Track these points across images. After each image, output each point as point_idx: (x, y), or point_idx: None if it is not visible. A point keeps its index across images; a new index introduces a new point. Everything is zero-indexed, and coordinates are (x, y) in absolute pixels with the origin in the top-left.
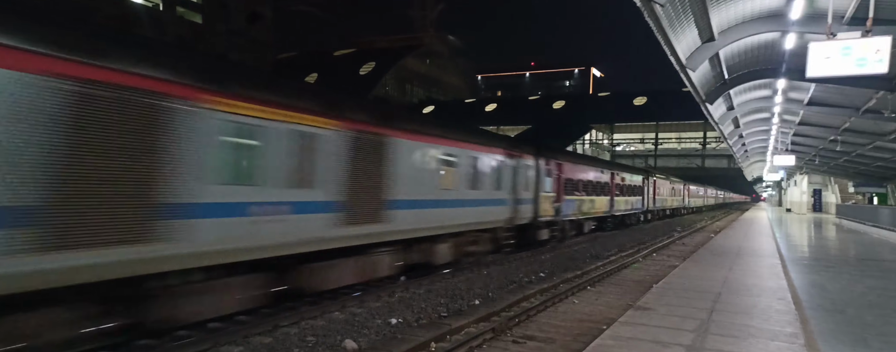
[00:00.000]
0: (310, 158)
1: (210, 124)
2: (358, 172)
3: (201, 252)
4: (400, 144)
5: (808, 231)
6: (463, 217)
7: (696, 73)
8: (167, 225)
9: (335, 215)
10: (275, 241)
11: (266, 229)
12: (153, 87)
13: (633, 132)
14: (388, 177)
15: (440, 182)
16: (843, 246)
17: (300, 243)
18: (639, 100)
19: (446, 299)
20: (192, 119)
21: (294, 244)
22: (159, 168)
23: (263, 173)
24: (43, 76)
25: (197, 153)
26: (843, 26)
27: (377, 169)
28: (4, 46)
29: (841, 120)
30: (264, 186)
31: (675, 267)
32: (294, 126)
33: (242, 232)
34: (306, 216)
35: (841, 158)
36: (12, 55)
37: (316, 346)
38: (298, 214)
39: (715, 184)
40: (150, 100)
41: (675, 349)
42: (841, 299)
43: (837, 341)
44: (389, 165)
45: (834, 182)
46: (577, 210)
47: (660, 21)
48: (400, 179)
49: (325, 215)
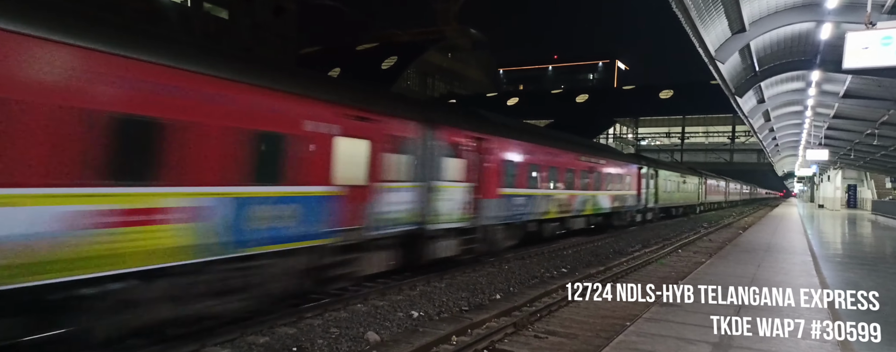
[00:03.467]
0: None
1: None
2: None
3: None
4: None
5: (842, 227)
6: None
7: (726, 66)
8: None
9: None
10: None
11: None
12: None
13: (659, 126)
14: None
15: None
16: (878, 242)
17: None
18: (665, 93)
19: (467, 293)
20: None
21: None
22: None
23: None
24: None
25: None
26: (883, 15)
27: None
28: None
29: (879, 113)
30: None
31: (701, 263)
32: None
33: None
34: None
35: (878, 152)
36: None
37: (339, 337)
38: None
39: (742, 178)
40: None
41: (701, 347)
42: (877, 297)
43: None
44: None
45: (870, 177)
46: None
47: (688, 11)
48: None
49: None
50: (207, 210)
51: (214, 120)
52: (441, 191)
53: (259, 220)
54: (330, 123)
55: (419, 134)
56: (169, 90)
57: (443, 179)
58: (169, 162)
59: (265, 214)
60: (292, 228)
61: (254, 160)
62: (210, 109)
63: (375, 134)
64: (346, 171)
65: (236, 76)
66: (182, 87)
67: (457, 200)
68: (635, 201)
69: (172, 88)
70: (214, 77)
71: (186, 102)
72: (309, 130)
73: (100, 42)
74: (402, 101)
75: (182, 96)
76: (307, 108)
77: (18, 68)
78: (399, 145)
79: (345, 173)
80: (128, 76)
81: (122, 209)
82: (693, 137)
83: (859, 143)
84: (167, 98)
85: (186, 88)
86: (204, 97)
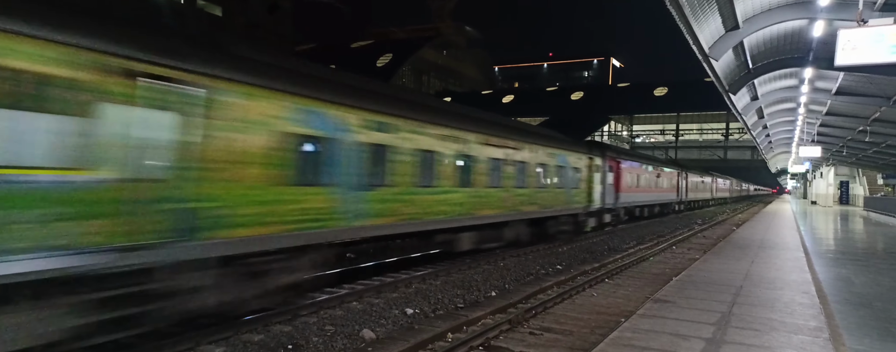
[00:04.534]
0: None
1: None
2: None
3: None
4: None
5: (834, 224)
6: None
7: (720, 63)
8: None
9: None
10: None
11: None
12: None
13: (654, 124)
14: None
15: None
16: (870, 238)
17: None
18: (659, 90)
19: (462, 290)
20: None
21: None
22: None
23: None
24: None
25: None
26: (874, 13)
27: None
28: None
29: (870, 110)
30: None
31: (695, 260)
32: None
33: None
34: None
35: (870, 149)
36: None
37: (334, 335)
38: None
39: (736, 175)
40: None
41: (695, 342)
42: (868, 292)
43: (864, 336)
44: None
45: (862, 174)
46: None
47: (682, 9)
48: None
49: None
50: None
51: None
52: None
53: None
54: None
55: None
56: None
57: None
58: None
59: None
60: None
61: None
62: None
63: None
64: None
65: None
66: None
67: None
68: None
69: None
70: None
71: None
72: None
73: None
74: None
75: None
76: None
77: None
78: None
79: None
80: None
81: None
82: (687, 134)
83: (851, 139)
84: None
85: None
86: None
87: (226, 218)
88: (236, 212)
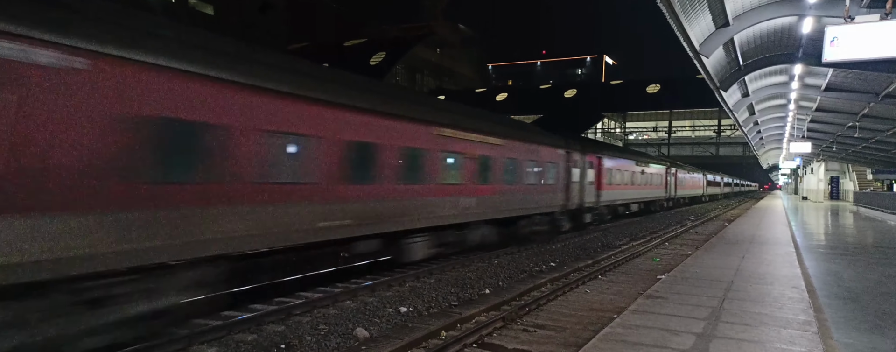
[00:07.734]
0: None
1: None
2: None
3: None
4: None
5: (824, 219)
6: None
7: (710, 60)
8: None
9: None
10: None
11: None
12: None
13: (647, 121)
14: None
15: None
16: (859, 234)
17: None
18: (652, 87)
19: (456, 288)
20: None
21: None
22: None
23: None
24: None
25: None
26: (862, 9)
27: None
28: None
29: (860, 106)
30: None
31: (687, 256)
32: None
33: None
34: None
35: (859, 144)
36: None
37: (328, 334)
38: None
39: (728, 171)
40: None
41: (686, 337)
42: (856, 287)
43: (852, 329)
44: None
45: (852, 169)
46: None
47: (672, 6)
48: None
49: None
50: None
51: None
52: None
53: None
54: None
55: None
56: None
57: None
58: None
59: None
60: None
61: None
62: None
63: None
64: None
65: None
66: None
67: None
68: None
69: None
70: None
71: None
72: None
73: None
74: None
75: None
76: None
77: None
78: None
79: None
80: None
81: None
82: (680, 131)
83: (841, 135)
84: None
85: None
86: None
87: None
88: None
